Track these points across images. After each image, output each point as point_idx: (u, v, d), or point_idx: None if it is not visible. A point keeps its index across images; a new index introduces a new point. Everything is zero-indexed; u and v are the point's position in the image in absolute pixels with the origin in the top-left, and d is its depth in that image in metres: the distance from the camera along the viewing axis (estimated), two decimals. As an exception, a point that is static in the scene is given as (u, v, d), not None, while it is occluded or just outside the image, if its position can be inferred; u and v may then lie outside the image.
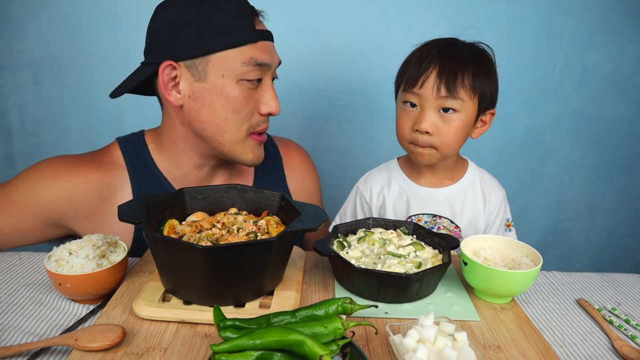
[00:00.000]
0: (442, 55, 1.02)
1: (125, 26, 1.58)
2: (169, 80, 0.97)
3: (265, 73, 1.01)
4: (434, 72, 1.01)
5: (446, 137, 1.03)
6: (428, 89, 1.01)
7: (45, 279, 0.91)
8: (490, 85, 1.05)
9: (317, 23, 1.64)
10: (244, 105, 0.99)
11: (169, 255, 0.74)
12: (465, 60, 1.02)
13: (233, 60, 0.96)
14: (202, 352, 0.69)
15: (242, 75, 0.97)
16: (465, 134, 1.06)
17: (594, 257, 2.01)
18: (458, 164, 1.17)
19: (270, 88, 1.03)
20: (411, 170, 1.18)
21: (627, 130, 1.84)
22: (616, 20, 1.69)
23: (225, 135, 1.01)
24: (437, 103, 1.02)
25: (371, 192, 1.21)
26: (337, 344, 0.64)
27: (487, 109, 1.08)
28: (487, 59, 1.06)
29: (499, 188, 1.18)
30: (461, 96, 1.01)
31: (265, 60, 0.99)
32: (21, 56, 1.61)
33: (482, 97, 1.04)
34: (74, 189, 1.02)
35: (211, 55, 0.95)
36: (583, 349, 0.78)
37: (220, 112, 0.99)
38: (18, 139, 1.70)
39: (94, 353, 0.67)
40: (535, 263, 0.84)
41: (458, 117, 1.02)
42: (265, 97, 1.02)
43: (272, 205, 0.92)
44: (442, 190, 1.14)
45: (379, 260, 0.87)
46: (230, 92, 0.97)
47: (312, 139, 1.76)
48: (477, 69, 1.02)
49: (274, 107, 1.03)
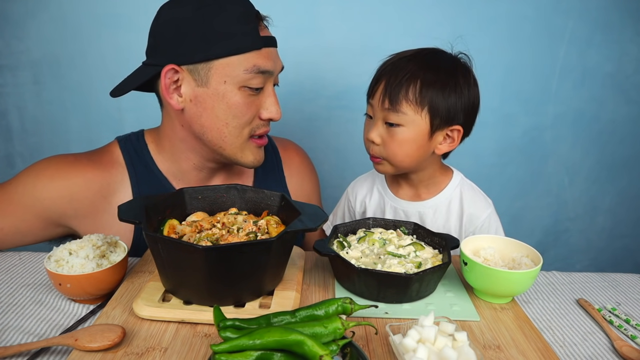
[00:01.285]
0: (394, 67, 1.00)
1: (125, 26, 1.58)
2: (171, 83, 0.97)
3: (268, 80, 1.01)
4: (383, 82, 1.00)
5: (391, 150, 1.01)
6: (376, 100, 1.01)
7: (45, 279, 0.91)
8: (448, 100, 0.98)
9: (317, 23, 1.64)
10: (245, 111, 0.99)
11: (169, 255, 0.74)
12: (416, 72, 0.97)
13: (236, 66, 0.95)
14: (202, 352, 0.69)
15: (245, 82, 0.97)
16: (417, 148, 1.01)
17: (594, 257, 2.01)
18: (438, 177, 1.12)
19: (271, 94, 1.03)
20: (392, 180, 1.17)
21: (627, 130, 1.84)
22: (616, 20, 1.69)
23: (226, 139, 1.01)
24: (382, 114, 1.01)
25: (356, 198, 1.22)
26: (337, 344, 0.64)
27: (447, 124, 1.00)
28: (451, 71, 1.00)
29: (484, 205, 1.10)
30: (404, 110, 0.97)
31: (268, 68, 0.98)
32: (21, 56, 1.61)
33: (433, 112, 0.98)
34: (73, 188, 1.02)
35: (214, 61, 0.94)
36: (583, 349, 0.78)
37: (222, 117, 0.99)
38: (18, 139, 1.70)
39: (94, 353, 0.67)
40: (535, 263, 0.84)
41: (402, 131, 0.99)
42: (267, 103, 1.02)
43: (272, 205, 0.92)
44: (416, 204, 1.12)
45: (379, 260, 0.87)
46: (232, 99, 0.97)
47: (312, 139, 1.76)
48: (428, 82, 0.96)
49: (274, 113, 1.03)
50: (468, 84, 1.01)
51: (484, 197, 1.12)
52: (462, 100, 0.99)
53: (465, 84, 1.00)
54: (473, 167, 1.52)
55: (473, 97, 1.02)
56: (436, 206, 1.11)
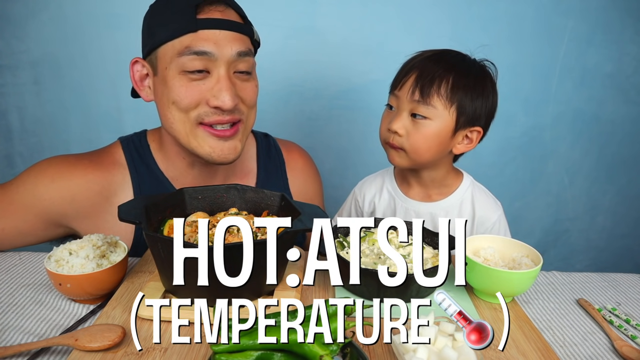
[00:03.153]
0: (426, 61, 1.03)
1: (125, 26, 1.58)
2: (140, 77, 1.03)
3: (212, 63, 0.96)
4: (414, 75, 1.02)
5: (414, 141, 1.03)
6: (404, 92, 1.02)
7: (45, 279, 0.91)
8: (475, 102, 1.03)
9: (317, 23, 1.64)
10: (183, 95, 0.96)
11: (169, 255, 0.74)
12: (448, 69, 1.01)
13: (171, 50, 0.95)
14: (202, 352, 0.69)
15: (182, 66, 0.95)
16: (439, 144, 1.04)
17: (594, 257, 2.01)
18: (449, 178, 1.14)
19: (221, 79, 0.96)
20: (402, 180, 1.18)
21: (627, 130, 1.84)
22: (616, 20, 1.69)
23: (173, 126, 1.00)
24: (411, 106, 1.02)
25: (364, 198, 1.21)
26: (337, 344, 0.64)
27: (470, 125, 1.05)
28: (481, 77, 1.05)
29: (494, 208, 1.13)
30: (434, 103, 1.00)
31: (204, 49, 0.94)
32: (21, 56, 1.61)
33: (460, 110, 1.02)
34: (75, 189, 1.02)
35: (157, 50, 0.97)
36: (583, 349, 0.78)
37: (165, 102, 0.99)
38: (18, 139, 1.70)
39: (94, 353, 0.67)
40: (535, 263, 0.84)
41: (429, 124, 1.02)
42: (214, 90, 0.96)
43: (272, 205, 0.92)
44: (428, 205, 1.13)
45: (379, 260, 0.87)
46: (171, 82, 0.96)
47: (312, 139, 1.76)
48: (459, 81, 1.01)
49: (221, 101, 0.95)
50: (493, 91, 1.07)
51: (494, 199, 1.16)
52: (487, 105, 1.05)
53: (491, 90, 1.06)
54: (473, 167, 1.52)
55: (494, 103, 1.08)
56: (448, 208, 1.12)
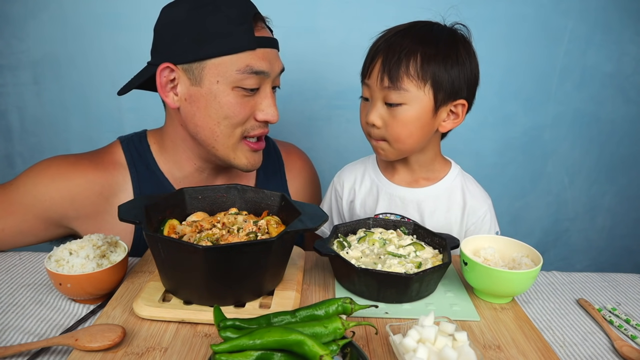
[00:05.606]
0: (389, 43, 0.94)
1: (125, 26, 1.58)
2: (167, 82, 0.98)
3: (264, 81, 1.00)
4: (380, 60, 0.94)
5: (393, 131, 0.96)
6: (374, 80, 0.95)
7: (45, 279, 0.91)
8: (451, 72, 0.93)
9: (317, 23, 1.64)
10: (237, 111, 0.99)
11: (169, 255, 0.74)
12: (415, 45, 0.92)
13: (228, 66, 0.95)
14: (202, 352, 0.69)
15: (238, 82, 0.96)
16: (420, 127, 0.96)
17: (594, 257, 2.01)
18: (437, 163, 1.08)
19: (268, 95, 1.01)
20: (386, 166, 1.10)
21: (627, 130, 1.84)
22: (616, 20, 1.69)
23: (217, 139, 1.01)
24: (382, 94, 0.95)
25: (343, 186, 1.15)
26: (337, 344, 0.64)
27: (452, 99, 0.96)
28: (451, 43, 0.95)
29: (484, 198, 1.08)
30: (405, 86, 0.92)
31: (263, 68, 0.97)
32: (21, 56, 1.61)
33: (437, 86, 0.92)
34: (75, 189, 1.02)
35: (207, 61, 0.95)
36: (583, 349, 0.78)
37: (214, 116, 0.98)
38: (18, 139, 1.70)
39: (94, 353, 0.67)
40: (535, 263, 0.84)
41: (405, 109, 0.94)
42: (263, 105, 1.01)
43: (272, 205, 0.92)
44: (415, 190, 1.07)
45: (379, 260, 0.87)
46: (224, 98, 0.97)
47: (312, 139, 1.76)
48: (429, 55, 0.91)
49: (270, 115, 1.02)
50: (469, 55, 0.96)
51: (482, 189, 1.11)
52: (465, 72, 0.95)
53: (466, 55, 0.96)
54: (473, 167, 1.52)
55: (474, 69, 0.98)
56: (436, 195, 1.06)
